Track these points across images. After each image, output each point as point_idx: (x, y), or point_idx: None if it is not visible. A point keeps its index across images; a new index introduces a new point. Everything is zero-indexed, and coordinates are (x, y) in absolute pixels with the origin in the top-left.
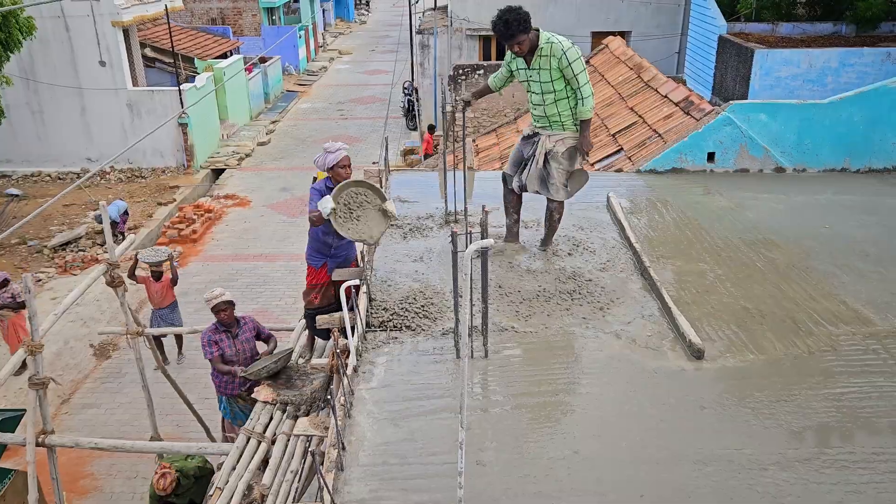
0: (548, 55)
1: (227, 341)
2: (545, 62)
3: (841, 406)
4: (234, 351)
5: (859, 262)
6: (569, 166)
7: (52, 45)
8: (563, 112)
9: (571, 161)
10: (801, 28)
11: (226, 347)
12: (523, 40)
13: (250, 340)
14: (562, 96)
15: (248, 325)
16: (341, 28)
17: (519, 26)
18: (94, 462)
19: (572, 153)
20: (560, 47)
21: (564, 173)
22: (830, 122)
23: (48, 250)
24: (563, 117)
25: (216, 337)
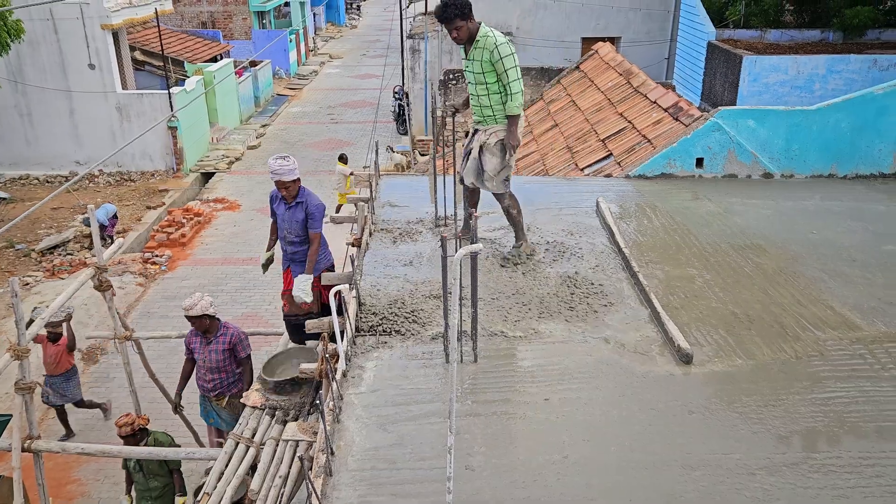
0: (482, 47)
1: (199, 346)
2: (479, 54)
3: (828, 411)
4: (201, 357)
5: (846, 268)
6: (501, 158)
7: (41, 48)
8: (496, 105)
9: (503, 153)
10: (789, 35)
11: (196, 351)
12: (461, 26)
13: (219, 353)
14: (493, 90)
15: (224, 337)
16: (332, 32)
17: (455, 10)
18: (80, 467)
19: (503, 146)
20: (493, 41)
21: (498, 165)
22: (818, 128)
23: (36, 254)
24: (496, 110)
25: (190, 339)
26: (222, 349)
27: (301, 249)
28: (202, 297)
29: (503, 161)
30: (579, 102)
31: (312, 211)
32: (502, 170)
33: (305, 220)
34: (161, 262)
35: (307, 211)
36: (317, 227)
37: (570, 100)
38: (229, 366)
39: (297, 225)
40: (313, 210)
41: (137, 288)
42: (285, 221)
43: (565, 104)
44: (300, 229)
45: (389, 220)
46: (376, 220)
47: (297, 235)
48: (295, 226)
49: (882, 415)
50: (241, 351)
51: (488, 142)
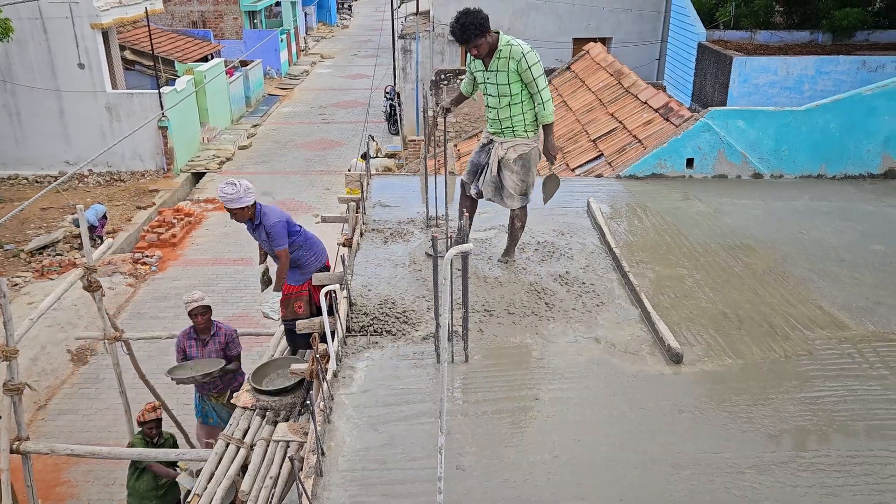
0: (507, 57)
1: (196, 348)
2: (503, 64)
3: (817, 410)
4: (199, 357)
5: (835, 268)
6: (522, 174)
7: (29, 47)
8: (516, 117)
9: (524, 168)
10: (779, 36)
11: (193, 353)
12: (480, 43)
13: (218, 353)
14: (517, 100)
15: (218, 337)
16: (323, 32)
17: (476, 29)
18: (70, 469)
19: (525, 161)
20: (520, 49)
21: (518, 181)
22: (807, 128)
23: (25, 254)
24: (516, 122)
25: (185, 343)
26: (219, 348)
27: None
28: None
29: (523, 176)
30: (570, 103)
31: (269, 231)
32: (522, 184)
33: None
34: (151, 262)
35: (266, 230)
36: (280, 245)
37: (562, 100)
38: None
39: (266, 244)
40: (270, 230)
41: (128, 289)
42: (258, 241)
43: (556, 104)
44: (271, 248)
45: (380, 220)
46: (367, 221)
47: (273, 253)
48: (265, 244)
49: (871, 413)
50: (233, 349)
51: (507, 157)
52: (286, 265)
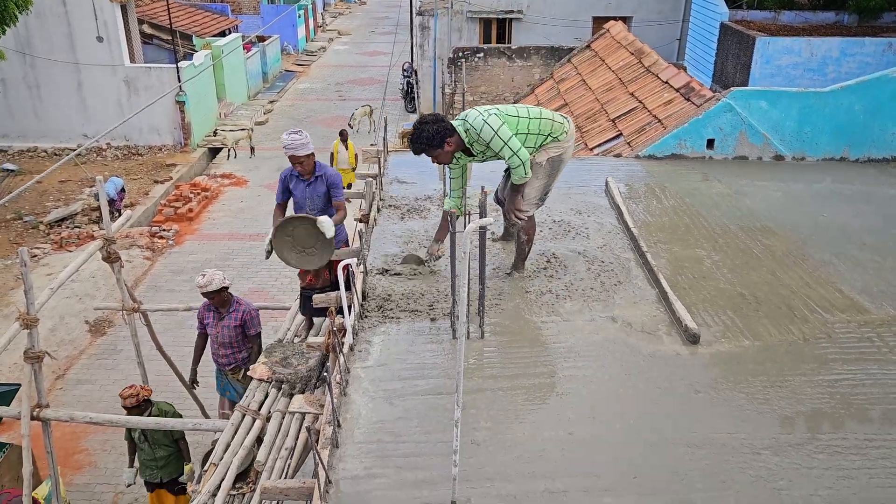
0: (475, 140)
1: (212, 321)
2: (477, 148)
3: (834, 393)
4: (214, 332)
5: (856, 251)
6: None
7: (48, 20)
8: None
9: (550, 172)
10: (804, 17)
11: (209, 327)
12: (438, 154)
13: (230, 329)
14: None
15: (236, 313)
16: (341, 8)
17: (423, 144)
18: (88, 437)
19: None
20: (476, 131)
21: (540, 186)
22: (831, 110)
23: (44, 226)
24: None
25: (203, 314)
26: (234, 325)
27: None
28: (215, 273)
29: (547, 179)
30: (590, 82)
31: (335, 181)
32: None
33: (327, 193)
34: (168, 236)
35: (328, 182)
36: (340, 196)
37: (581, 79)
38: (242, 342)
39: (320, 199)
40: (335, 180)
41: (145, 262)
42: (307, 198)
43: (575, 83)
44: (324, 203)
45: (397, 196)
46: (384, 197)
47: (322, 210)
48: (318, 201)
49: (889, 398)
50: (251, 328)
51: (536, 160)
52: (346, 215)
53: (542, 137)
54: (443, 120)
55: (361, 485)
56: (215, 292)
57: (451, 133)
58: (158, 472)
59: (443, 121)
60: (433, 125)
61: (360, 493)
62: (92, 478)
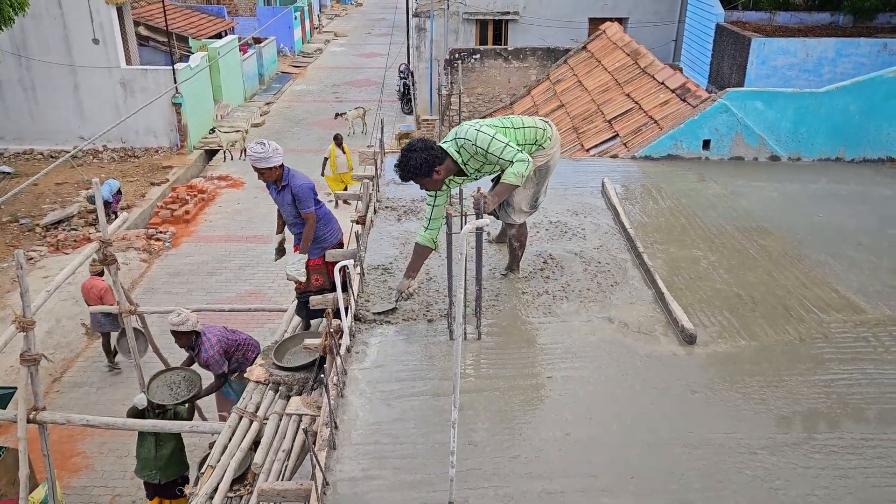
0: (471, 155)
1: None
2: (473, 164)
3: (831, 392)
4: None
5: (851, 251)
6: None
7: (44, 22)
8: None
9: (538, 180)
10: (799, 17)
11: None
12: (426, 182)
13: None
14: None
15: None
16: (337, 10)
17: (411, 173)
18: (85, 440)
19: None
20: (472, 143)
21: (530, 194)
22: (826, 111)
23: (40, 228)
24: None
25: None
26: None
27: (296, 221)
28: (189, 315)
29: (536, 188)
30: (586, 83)
31: (296, 192)
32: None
33: (294, 203)
34: (165, 238)
35: (293, 193)
36: (307, 207)
37: (577, 80)
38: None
39: (290, 208)
40: (297, 191)
41: (141, 264)
42: (280, 206)
43: (572, 84)
44: (293, 213)
45: (394, 197)
46: (381, 198)
47: (295, 217)
48: (288, 209)
49: (885, 397)
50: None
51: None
52: (313, 228)
53: (531, 146)
54: (432, 147)
55: (359, 486)
56: (183, 334)
57: (441, 161)
58: (158, 472)
59: (431, 148)
60: (421, 153)
61: (357, 494)
62: (89, 481)
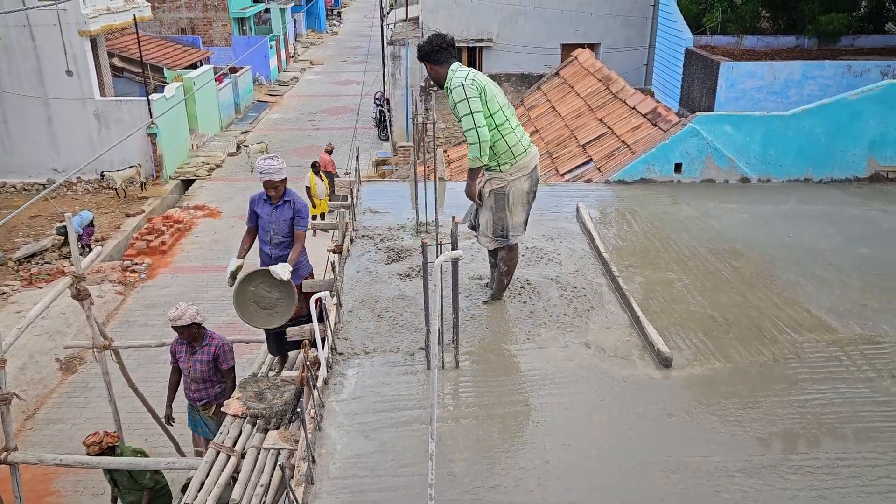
0: (448, 93)
1: (184, 355)
2: (450, 101)
3: (805, 412)
4: (185, 366)
5: (822, 271)
6: (493, 212)
7: (17, 54)
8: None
9: (496, 206)
10: (766, 41)
11: (181, 361)
12: (430, 71)
13: (203, 363)
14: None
15: (209, 348)
16: (313, 38)
17: (420, 52)
18: (59, 479)
19: (497, 198)
20: (448, 85)
21: (489, 220)
22: (793, 133)
23: (13, 262)
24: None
25: (176, 348)
26: (206, 360)
27: (286, 253)
28: (188, 307)
29: (493, 215)
30: (559, 108)
31: (300, 209)
32: (494, 224)
33: (292, 220)
34: (141, 270)
35: (295, 209)
36: (303, 226)
37: (550, 106)
38: (214, 376)
39: (285, 224)
40: (301, 208)
41: (117, 296)
42: (272, 222)
43: (545, 110)
44: (287, 229)
45: (370, 226)
46: (357, 227)
47: (285, 236)
48: (283, 225)
49: (858, 416)
50: (223, 363)
51: (483, 190)
52: (302, 246)
53: (498, 154)
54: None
55: None
56: (185, 327)
57: (438, 62)
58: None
59: (442, 49)
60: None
61: None
62: None
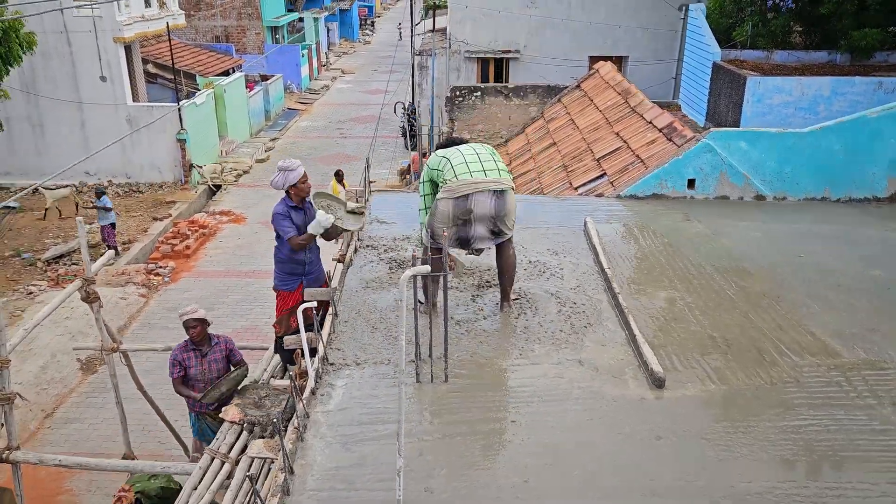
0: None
1: (195, 360)
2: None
3: (798, 439)
4: (199, 370)
5: (830, 293)
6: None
7: (53, 60)
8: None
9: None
10: (796, 56)
11: (191, 366)
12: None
13: (219, 361)
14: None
15: (219, 345)
16: (345, 48)
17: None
18: (73, 478)
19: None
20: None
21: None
22: (811, 150)
23: (41, 263)
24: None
25: (182, 356)
26: (221, 356)
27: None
28: (197, 306)
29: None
30: (578, 121)
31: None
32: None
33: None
34: (164, 273)
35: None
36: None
37: (570, 118)
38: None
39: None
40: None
41: (140, 299)
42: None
43: (564, 123)
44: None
45: (376, 236)
46: (363, 237)
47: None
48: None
49: (852, 444)
50: (235, 354)
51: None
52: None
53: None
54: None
55: None
56: (199, 320)
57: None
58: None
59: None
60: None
61: None
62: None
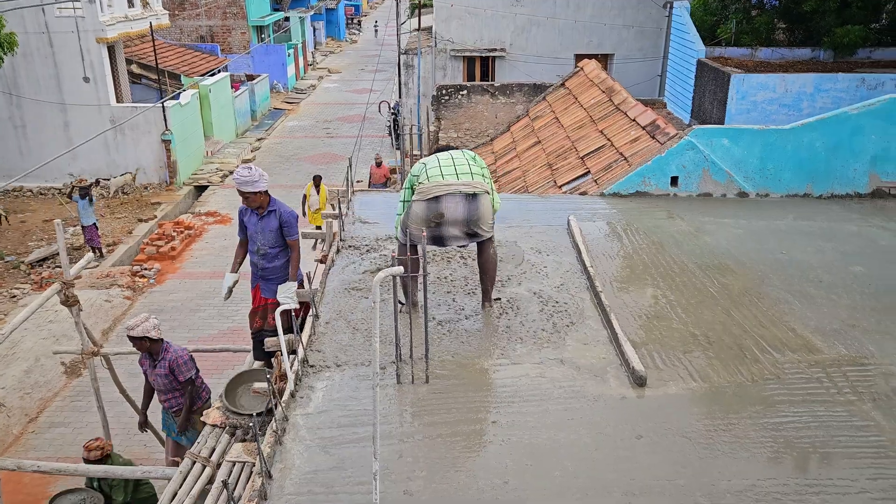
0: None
1: (148, 368)
2: None
3: (778, 436)
4: (151, 379)
5: (812, 289)
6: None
7: (35, 60)
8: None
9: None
10: (780, 53)
11: (146, 370)
12: None
13: (163, 376)
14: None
15: (164, 361)
16: (332, 47)
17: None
18: (58, 482)
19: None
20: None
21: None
22: (793, 147)
23: (25, 266)
24: None
25: (142, 360)
26: (164, 372)
27: (273, 265)
28: (147, 319)
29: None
30: (562, 119)
31: (287, 218)
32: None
33: (279, 230)
34: (150, 275)
35: (281, 219)
36: (294, 234)
37: (554, 117)
38: (177, 387)
39: (272, 235)
40: (287, 217)
41: (125, 301)
42: (258, 233)
43: (549, 121)
44: (274, 239)
45: (358, 236)
46: (345, 237)
47: (272, 247)
48: (269, 236)
49: (833, 440)
50: (179, 374)
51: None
52: (299, 255)
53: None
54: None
55: None
56: (136, 339)
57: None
58: None
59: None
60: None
61: None
62: None
